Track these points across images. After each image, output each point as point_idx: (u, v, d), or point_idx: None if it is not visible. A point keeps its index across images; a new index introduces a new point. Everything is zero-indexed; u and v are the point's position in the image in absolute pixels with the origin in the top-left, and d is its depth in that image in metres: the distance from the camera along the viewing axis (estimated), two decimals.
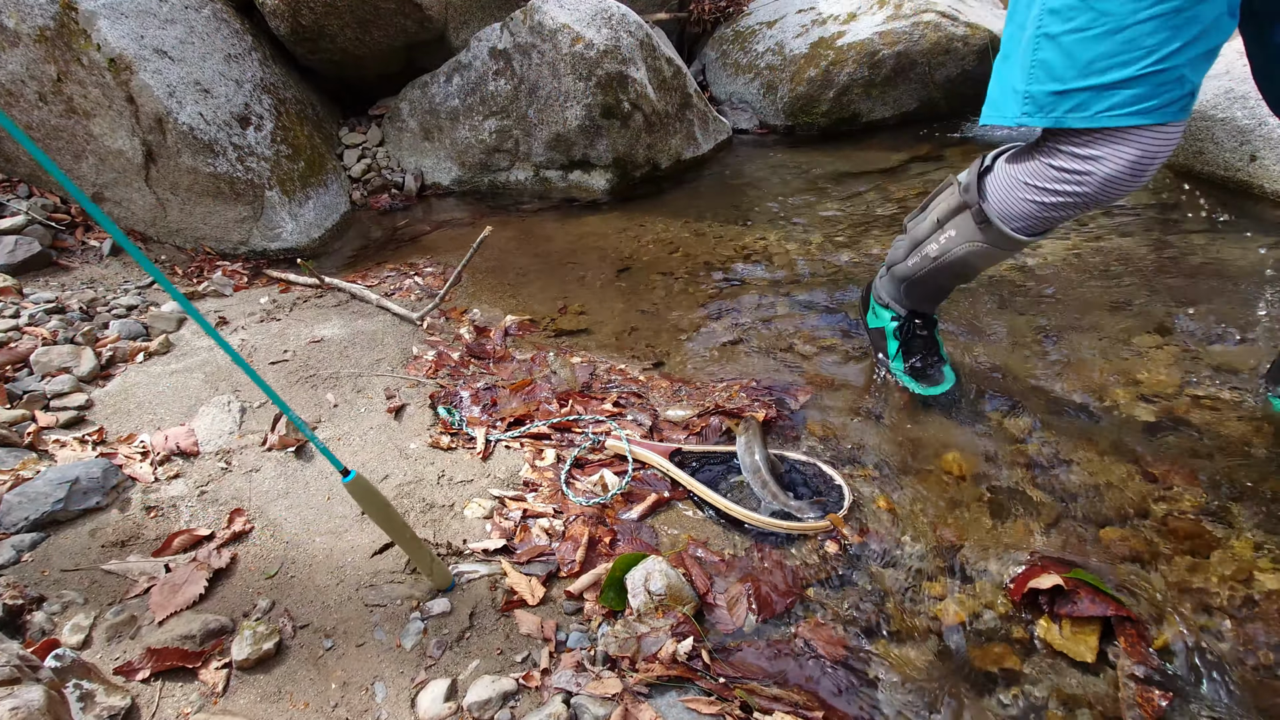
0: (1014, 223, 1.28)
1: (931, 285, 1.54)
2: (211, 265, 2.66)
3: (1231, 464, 1.34)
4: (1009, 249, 1.34)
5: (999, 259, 1.39)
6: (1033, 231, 1.28)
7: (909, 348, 1.63)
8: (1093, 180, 1.13)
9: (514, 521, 1.35)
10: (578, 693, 1.02)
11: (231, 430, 1.61)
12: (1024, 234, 1.29)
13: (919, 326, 1.62)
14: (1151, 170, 1.09)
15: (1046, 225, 1.26)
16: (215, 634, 1.14)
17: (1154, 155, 1.07)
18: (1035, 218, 1.24)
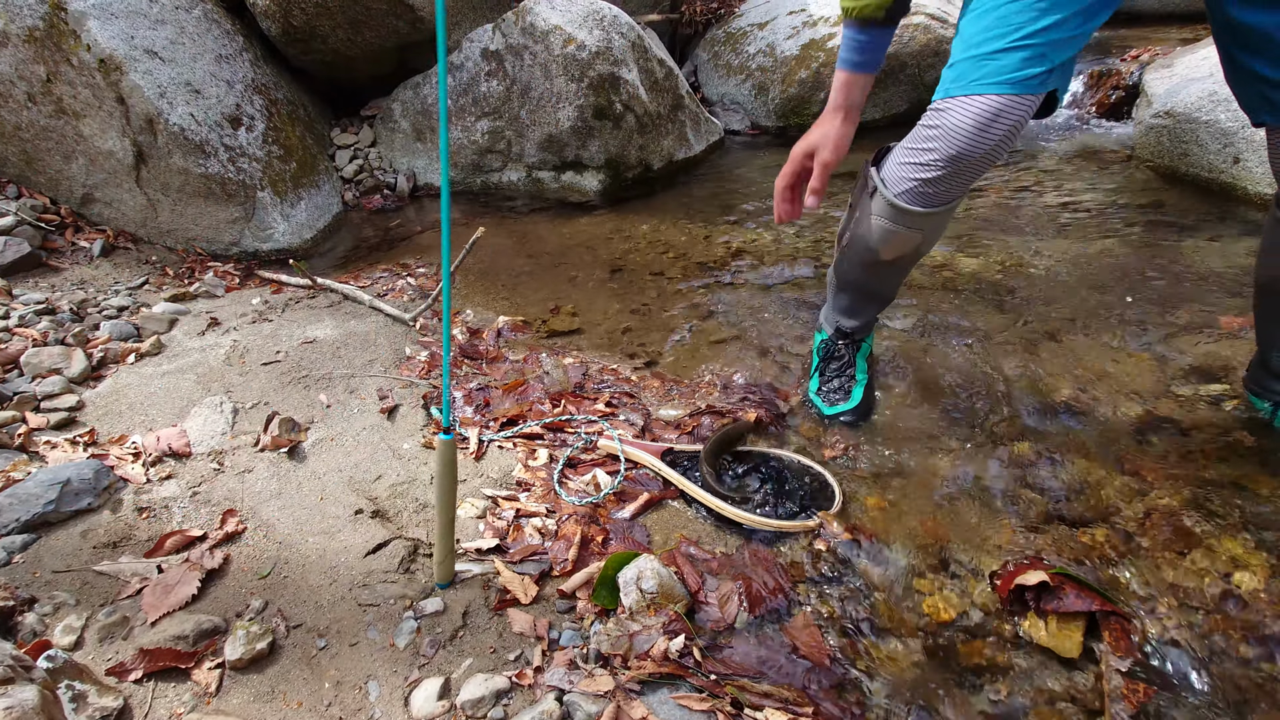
0: (894, 188, 1.32)
1: (849, 281, 1.55)
2: (203, 266, 2.65)
3: (1213, 462, 1.36)
4: (897, 222, 1.35)
5: (892, 238, 1.38)
6: (914, 200, 1.31)
7: (824, 369, 1.65)
8: (941, 133, 1.21)
9: (507, 521, 1.36)
10: (570, 690, 1.02)
11: (224, 431, 1.61)
12: (906, 201, 1.32)
13: (841, 347, 1.63)
14: (997, 133, 1.16)
15: (923, 191, 1.29)
16: (208, 634, 1.15)
17: (998, 118, 1.16)
18: (909, 180, 1.29)
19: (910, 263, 1.47)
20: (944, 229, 1.43)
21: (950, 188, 1.28)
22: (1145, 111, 2.73)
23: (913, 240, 1.38)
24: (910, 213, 1.33)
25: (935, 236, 1.42)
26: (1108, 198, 2.58)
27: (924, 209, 1.31)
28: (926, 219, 1.34)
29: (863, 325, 1.64)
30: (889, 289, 1.56)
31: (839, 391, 1.60)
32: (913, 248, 1.41)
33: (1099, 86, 3.37)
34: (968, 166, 1.23)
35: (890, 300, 1.62)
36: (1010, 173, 2.91)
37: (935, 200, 1.30)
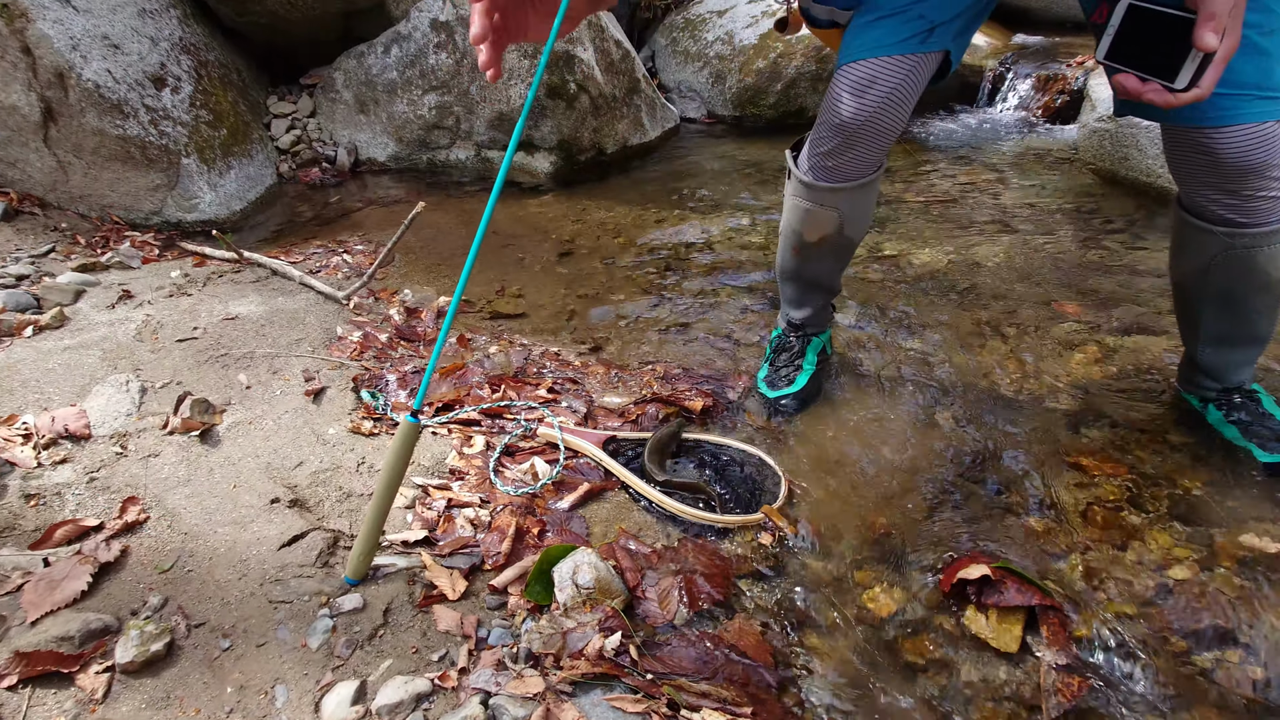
0: (803, 167, 1.37)
1: (787, 269, 1.54)
2: (119, 235, 2.47)
3: (1149, 455, 1.38)
4: (811, 200, 1.37)
5: (809, 217, 1.39)
6: (819, 176, 1.34)
7: (774, 358, 1.63)
8: (827, 105, 1.25)
9: (437, 512, 1.28)
10: (497, 693, 0.96)
11: (129, 412, 1.48)
12: (813, 178, 1.35)
13: (792, 339, 1.62)
14: (874, 97, 1.19)
15: (825, 165, 1.32)
16: (97, 634, 1.04)
17: (874, 82, 1.19)
18: (813, 157, 1.33)
19: (837, 247, 1.45)
20: (866, 210, 1.42)
21: (850, 160, 1.29)
22: (1089, 115, 2.79)
23: (830, 219, 1.39)
24: (819, 189, 1.35)
25: (857, 217, 1.41)
26: (1051, 198, 2.62)
27: (830, 184, 1.34)
28: (837, 195, 1.35)
29: (811, 317, 1.61)
30: (826, 276, 1.54)
31: (784, 379, 1.57)
32: (834, 228, 1.40)
33: (1045, 90, 3.43)
34: (857, 135, 1.25)
35: (834, 290, 1.60)
36: (959, 171, 2.95)
37: (839, 174, 1.32)
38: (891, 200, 2.69)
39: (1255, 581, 1.12)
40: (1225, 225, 1.17)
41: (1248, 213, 1.14)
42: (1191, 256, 1.26)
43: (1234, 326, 1.30)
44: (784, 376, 1.58)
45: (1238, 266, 1.20)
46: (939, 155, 3.15)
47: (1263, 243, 1.16)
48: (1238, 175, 1.10)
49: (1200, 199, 1.18)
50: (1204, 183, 1.15)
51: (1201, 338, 1.36)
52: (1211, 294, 1.27)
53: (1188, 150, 1.13)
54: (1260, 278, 1.20)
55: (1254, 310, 1.26)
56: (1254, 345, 1.33)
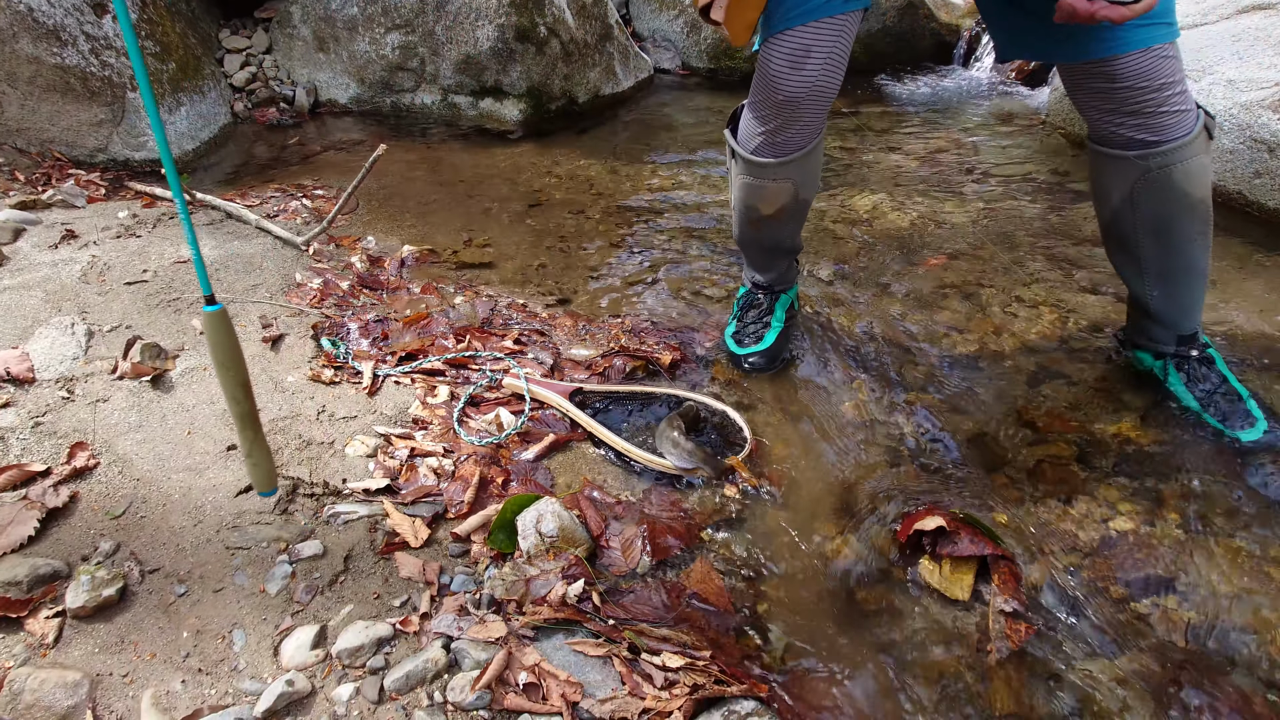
0: (747, 146, 1.34)
1: (746, 239, 1.54)
2: (62, 173, 2.34)
3: (1101, 413, 1.42)
4: (762, 177, 1.36)
5: (763, 193, 1.38)
6: (766, 152, 1.32)
7: (742, 315, 1.62)
8: (765, 81, 1.21)
9: (400, 460, 1.27)
10: (459, 637, 0.97)
11: (75, 356, 1.42)
12: (761, 156, 1.33)
13: (760, 297, 1.61)
14: (813, 63, 1.17)
15: (771, 142, 1.30)
16: (46, 579, 1.01)
17: (808, 47, 1.16)
18: (756, 135, 1.31)
19: (795, 213, 1.44)
20: (815, 171, 1.40)
21: (797, 132, 1.27)
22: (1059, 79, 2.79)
23: (785, 190, 1.37)
24: (769, 165, 1.32)
25: (809, 180, 1.40)
26: (1020, 161, 2.64)
27: (778, 159, 1.31)
28: (786, 167, 1.32)
29: (778, 277, 1.60)
30: (788, 239, 1.53)
31: (752, 336, 1.57)
32: (789, 197, 1.38)
33: None
34: (801, 108, 1.22)
35: (796, 249, 1.59)
36: (930, 132, 2.94)
37: (787, 148, 1.30)
38: (864, 160, 2.68)
39: (1193, 533, 1.17)
40: (1138, 148, 1.20)
41: (1155, 129, 1.17)
42: (1115, 189, 1.27)
43: (1173, 257, 1.30)
44: (752, 334, 1.58)
45: (1159, 190, 1.22)
46: (912, 115, 3.13)
47: (1175, 159, 1.19)
48: (1145, 94, 1.13)
49: (1110, 127, 1.20)
50: (1111, 110, 1.18)
51: (1146, 279, 1.34)
52: (1145, 226, 1.27)
53: (1093, 82, 1.16)
54: (1183, 199, 1.23)
55: (1185, 237, 1.27)
56: (1196, 279, 1.33)
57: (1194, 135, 1.18)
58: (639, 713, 0.88)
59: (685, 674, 0.93)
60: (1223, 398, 1.35)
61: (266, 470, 1.01)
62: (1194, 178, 1.21)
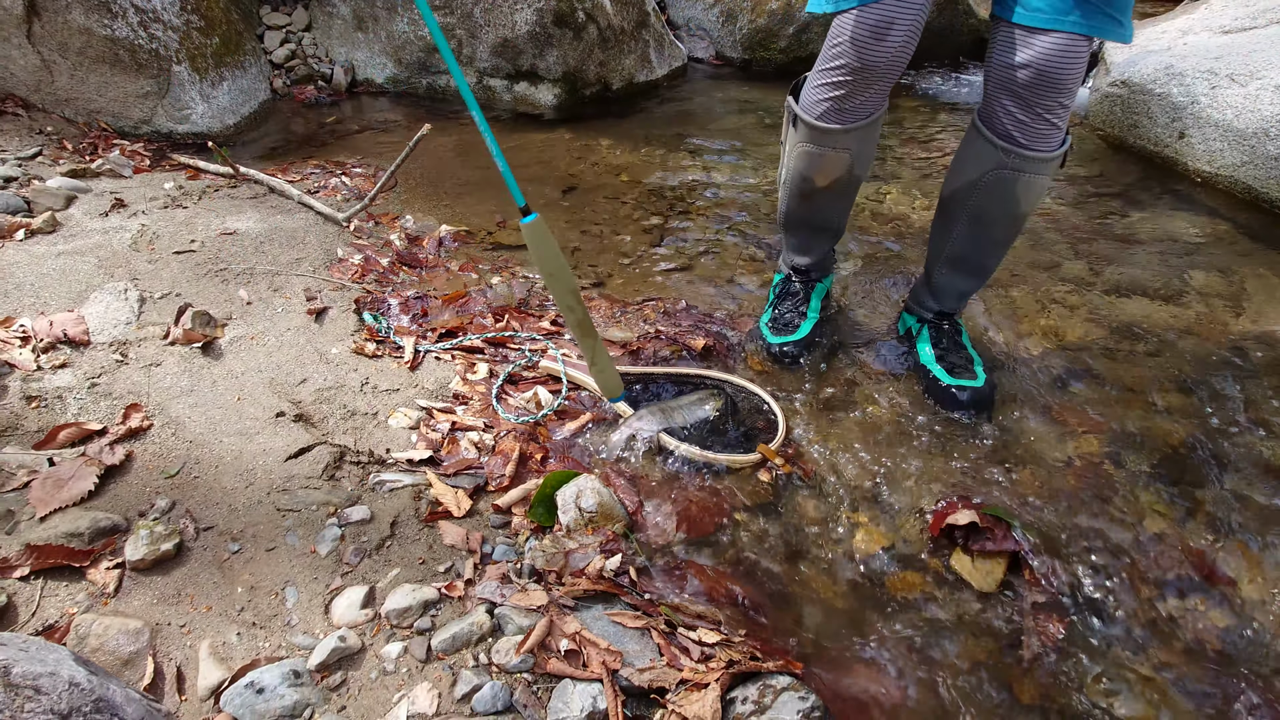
0: (812, 112, 1.34)
1: (794, 217, 1.54)
2: (108, 144, 2.39)
3: (1133, 414, 1.42)
4: (822, 144, 1.35)
5: (821, 162, 1.38)
6: (832, 118, 1.31)
7: (778, 303, 1.64)
8: (844, 48, 1.22)
9: (442, 433, 1.30)
10: (502, 603, 1.00)
11: (128, 320, 1.46)
12: (825, 122, 1.32)
13: (796, 284, 1.63)
14: (896, 35, 1.18)
15: (839, 108, 1.30)
16: (106, 533, 1.06)
17: (894, 20, 1.16)
18: (824, 101, 1.30)
19: (847, 188, 1.45)
20: (872, 148, 1.42)
21: (864, 100, 1.28)
22: (1102, 80, 2.76)
23: (842, 161, 1.37)
24: (831, 132, 1.32)
25: (866, 156, 1.41)
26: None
27: (843, 126, 1.32)
28: (848, 136, 1.33)
29: (816, 262, 1.61)
30: (835, 219, 1.54)
31: (788, 325, 1.59)
32: (844, 169, 1.39)
33: None
34: (879, 76, 1.23)
35: (839, 232, 1.60)
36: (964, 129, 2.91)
37: (852, 115, 1.31)
38: (897, 154, 2.67)
39: (1228, 534, 1.18)
40: (1007, 141, 1.25)
41: (1030, 135, 1.23)
42: (969, 169, 1.33)
43: (971, 249, 1.41)
44: (788, 323, 1.59)
45: (1001, 187, 1.29)
46: (947, 111, 3.11)
47: (1028, 168, 1.25)
48: (1038, 85, 1.16)
49: (998, 108, 1.24)
50: (1008, 90, 1.21)
51: (944, 257, 1.45)
52: (970, 211, 1.36)
53: (1008, 51, 1.18)
54: (1012, 205, 1.31)
55: (994, 239, 1.38)
56: (980, 276, 1.47)
57: (1054, 154, 1.25)
58: (676, 683, 0.90)
59: (721, 649, 0.96)
60: (956, 356, 1.49)
61: (612, 377, 1.09)
62: (1032, 191, 1.29)
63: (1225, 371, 1.52)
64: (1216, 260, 1.92)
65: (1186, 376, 1.51)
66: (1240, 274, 1.85)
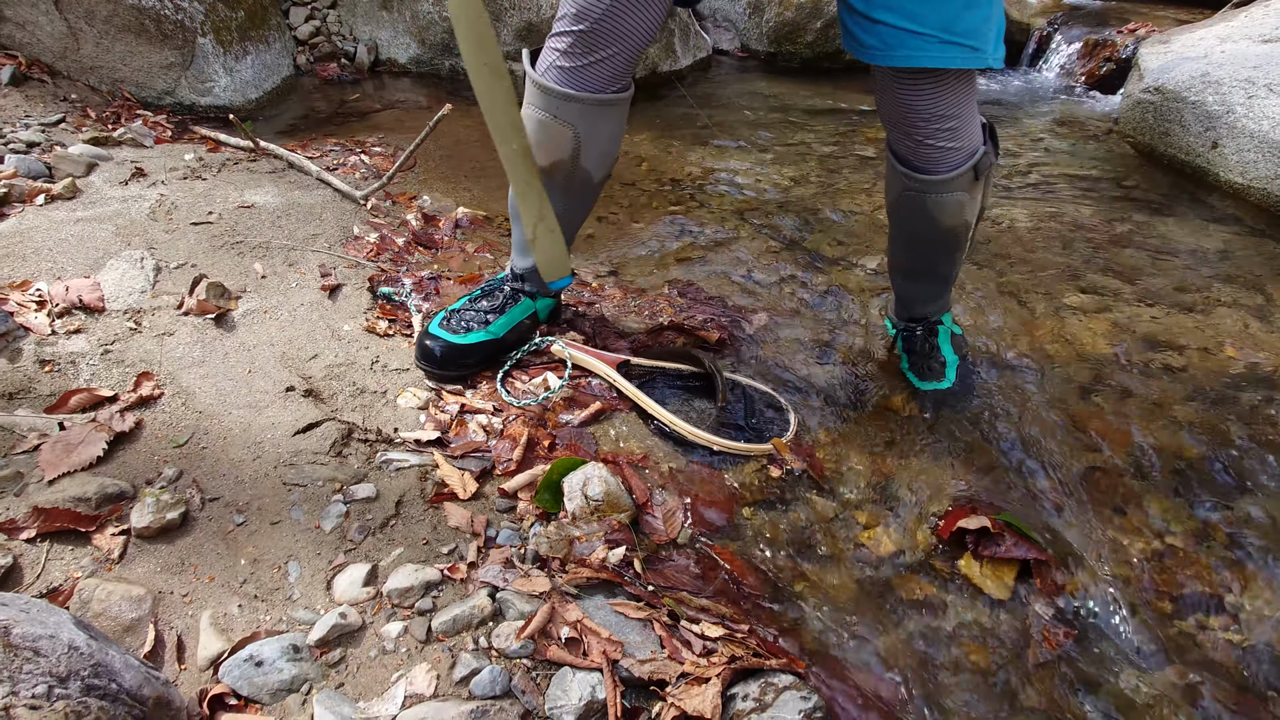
0: (540, 65, 1.19)
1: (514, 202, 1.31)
2: (131, 113, 2.39)
3: (1155, 426, 1.40)
4: (544, 109, 1.19)
5: (544, 134, 1.21)
6: (552, 75, 1.17)
7: (473, 300, 1.44)
8: None
9: (450, 415, 1.29)
10: (504, 588, 0.99)
11: (143, 289, 1.47)
12: (546, 77, 1.17)
13: (505, 288, 1.45)
14: None
15: (560, 65, 1.15)
16: (113, 499, 1.06)
17: None
18: (551, 53, 1.17)
19: (571, 182, 1.26)
20: (607, 143, 1.24)
21: (592, 63, 1.13)
22: (1135, 85, 2.71)
23: (565, 139, 1.19)
24: (552, 94, 1.16)
25: (596, 149, 1.23)
26: (1085, 168, 2.57)
27: (562, 88, 1.15)
28: (571, 107, 1.16)
29: (533, 271, 1.39)
30: (561, 217, 1.18)
31: (464, 328, 1.37)
32: (568, 153, 1.21)
33: (1092, 56, 3.33)
34: (603, 33, 1.09)
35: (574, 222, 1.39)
36: None
37: (578, 80, 1.14)
38: None
39: (1247, 554, 1.15)
40: (905, 165, 1.24)
41: (919, 158, 1.21)
42: (889, 190, 1.33)
43: (913, 262, 1.41)
44: (466, 326, 1.38)
45: (913, 207, 1.28)
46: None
47: (930, 189, 1.23)
48: (904, 117, 1.15)
49: (890, 136, 1.24)
50: (889, 120, 1.20)
51: (894, 268, 1.46)
52: (898, 228, 1.37)
53: (874, 84, 1.18)
54: (931, 223, 1.28)
55: (928, 252, 1.37)
56: (935, 283, 1.44)
57: (954, 175, 1.21)
58: (677, 676, 0.89)
59: (724, 644, 0.95)
60: (931, 360, 1.47)
61: (558, 254, 1.04)
62: (945, 209, 1.26)
63: (1250, 387, 1.48)
64: (1245, 273, 1.88)
65: (1210, 391, 1.47)
66: (1269, 288, 1.81)
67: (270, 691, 0.84)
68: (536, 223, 1.05)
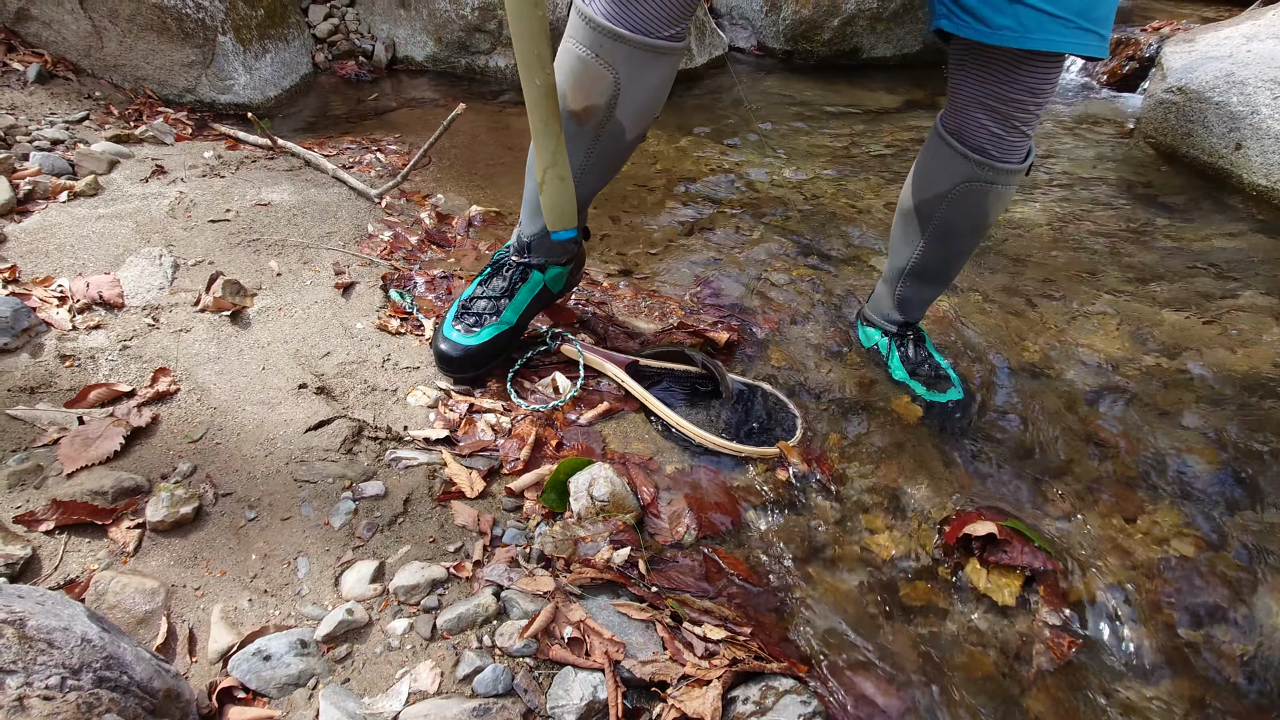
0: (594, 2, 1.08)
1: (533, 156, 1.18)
2: (152, 110, 2.43)
3: (1167, 434, 1.38)
4: (588, 45, 1.08)
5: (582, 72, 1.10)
6: (608, 12, 1.05)
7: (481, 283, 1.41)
8: None
9: (459, 414, 1.31)
10: (509, 587, 1.00)
11: (161, 286, 1.49)
12: (597, 12, 1.06)
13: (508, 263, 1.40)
14: None
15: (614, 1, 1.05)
16: (129, 493, 1.08)
17: None
18: None
19: (600, 131, 1.15)
20: (649, 94, 1.14)
21: (646, 6, 1.03)
22: (1158, 85, 2.67)
23: (604, 81, 1.09)
24: (600, 30, 1.05)
25: (635, 99, 1.12)
26: (1102, 168, 2.53)
27: (613, 24, 1.04)
28: (618, 48, 1.06)
29: (540, 239, 1.33)
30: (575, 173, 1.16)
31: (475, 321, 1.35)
32: (604, 100, 1.11)
33: (1113, 53, 3.27)
34: None
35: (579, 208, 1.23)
36: None
37: (630, 15, 1.04)
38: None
39: (1256, 564, 1.14)
40: (979, 154, 1.20)
41: (1003, 147, 1.19)
42: (937, 181, 1.27)
43: (940, 262, 1.38)
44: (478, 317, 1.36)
45: (971, 200, 1.25)
46: None
47: (1000, 180, 1.21)
48: (1017, 101, 1.12)
49: (970, 122, 1.18)
50: (984, 105, 1.15)
51: (909, 270, 1.41)
52: (938, 223, 1.31)
53: (990, 69, 1.11)
54: (982, 216, 1.28)
55: (960, 250, 1.36)
56: (943, 285, 1.45)
57: (1024, 166, 1.22)
58: (678, 677, 0.90)
59: (726, 646, 0.95)
60: (928, 367, 1.48)
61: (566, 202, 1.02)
62: (1001, 202, 1.26)
63: (1268, 395, 1.46)
64: (1267, 278, 1.85)
65: (1226, 397, 1.45)
66: None
67: (278, 685, 0.86)
68: (548, 168, 1.02)
